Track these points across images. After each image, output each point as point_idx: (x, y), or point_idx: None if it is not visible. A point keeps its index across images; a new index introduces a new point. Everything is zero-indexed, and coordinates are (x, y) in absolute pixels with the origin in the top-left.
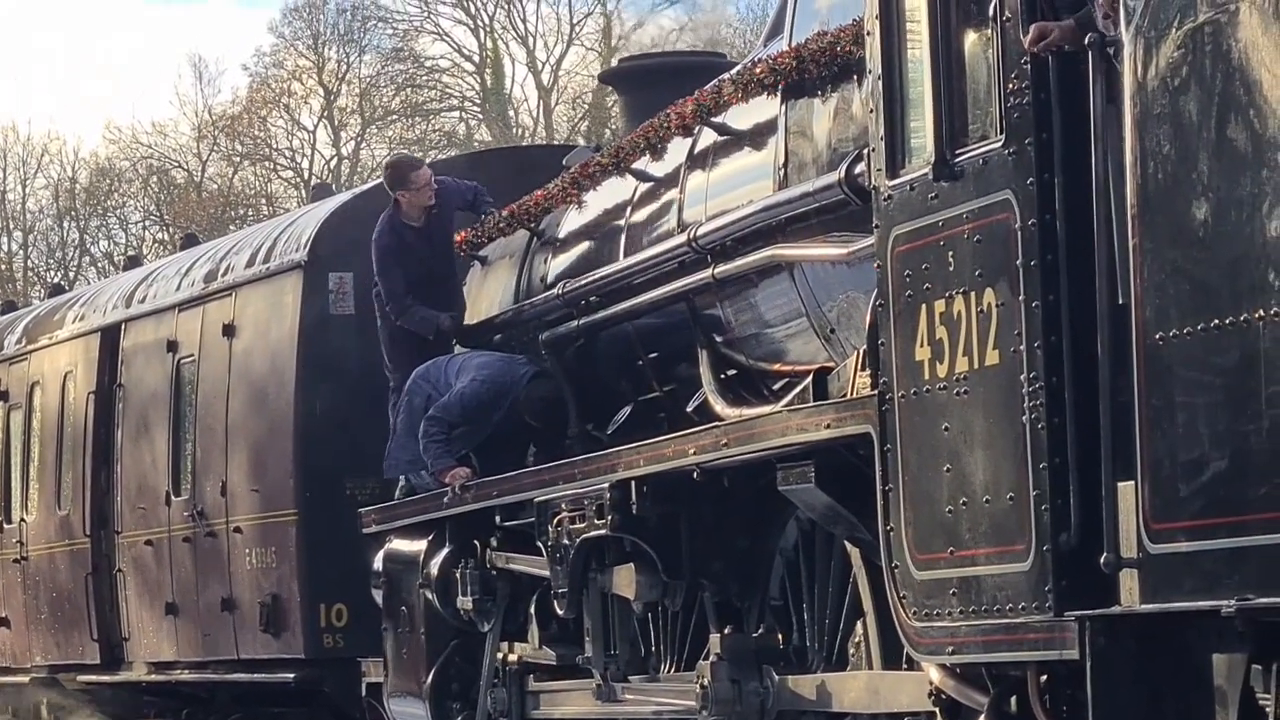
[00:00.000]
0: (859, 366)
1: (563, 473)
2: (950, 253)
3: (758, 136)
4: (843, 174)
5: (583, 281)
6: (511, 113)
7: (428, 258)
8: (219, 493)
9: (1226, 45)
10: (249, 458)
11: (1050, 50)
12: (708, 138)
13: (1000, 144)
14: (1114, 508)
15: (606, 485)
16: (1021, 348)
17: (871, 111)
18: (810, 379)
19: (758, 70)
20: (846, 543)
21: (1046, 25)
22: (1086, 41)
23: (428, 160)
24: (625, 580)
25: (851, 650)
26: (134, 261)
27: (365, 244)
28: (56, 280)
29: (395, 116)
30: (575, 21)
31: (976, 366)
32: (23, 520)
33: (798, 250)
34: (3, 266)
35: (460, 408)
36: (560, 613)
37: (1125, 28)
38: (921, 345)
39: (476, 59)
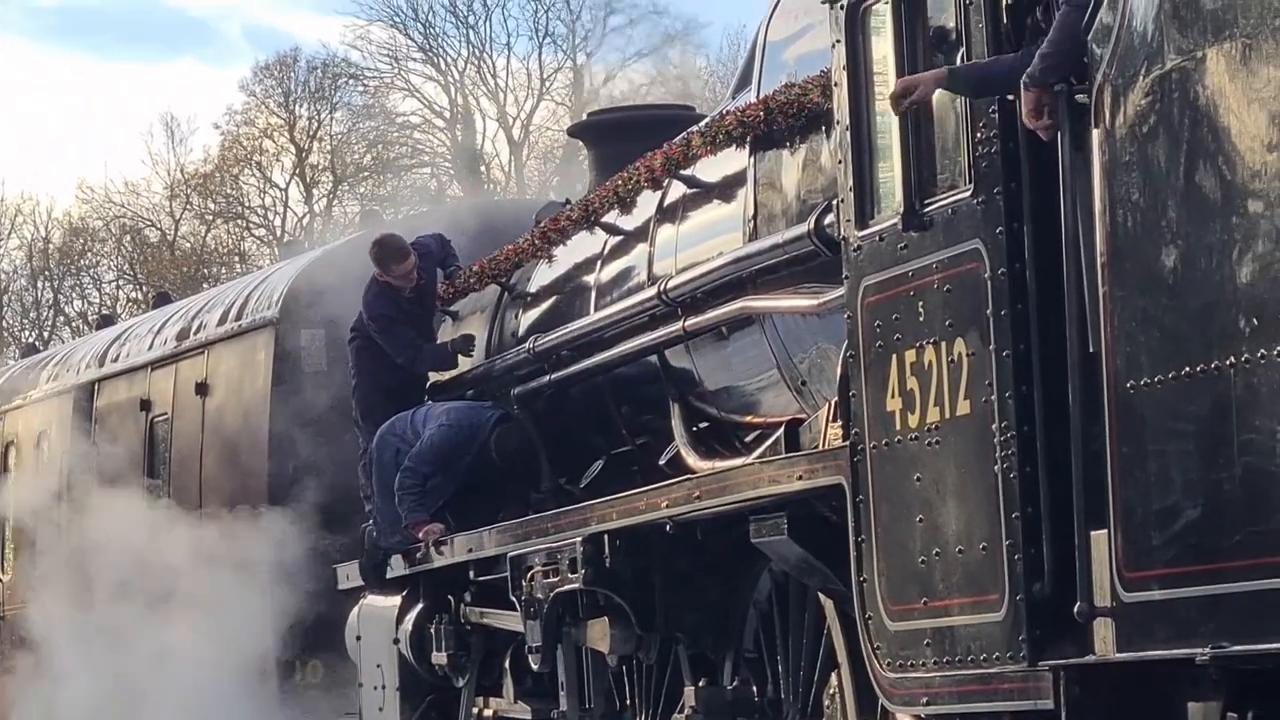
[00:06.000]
0: (830, 418)
1: (536, 527)
2: (920, 303)
3: (727, 189)
4: (812, 225)
5: (554, 336)
6: (483, 168)
7: (419, 320)
8: None
9: (1194, 92)
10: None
11: (915, 106)
12: (677, 190)
13: (969, 193)
14: (1087, 556)
15: (579, 539)
16: (993, 397)
17: (840, 162)
18: (782, 431)
19: (726, 122)
20: (820, 594)
21: (911, 80)
22: (1055, 89)
23: (399, 215)
24: (599, 634)
25: (826, 701)
26: (107, 321)
27: (337, 301)
28: (31, 340)
29: (367, 173)
30: (545, 76)
31: (948, 416)
32: (0, 580)
33: (768, 302)
34: None
35: (432, 454)
36: (535, 667)
37: (1093, 75)
38: (893, 396)
39: (447, 115)
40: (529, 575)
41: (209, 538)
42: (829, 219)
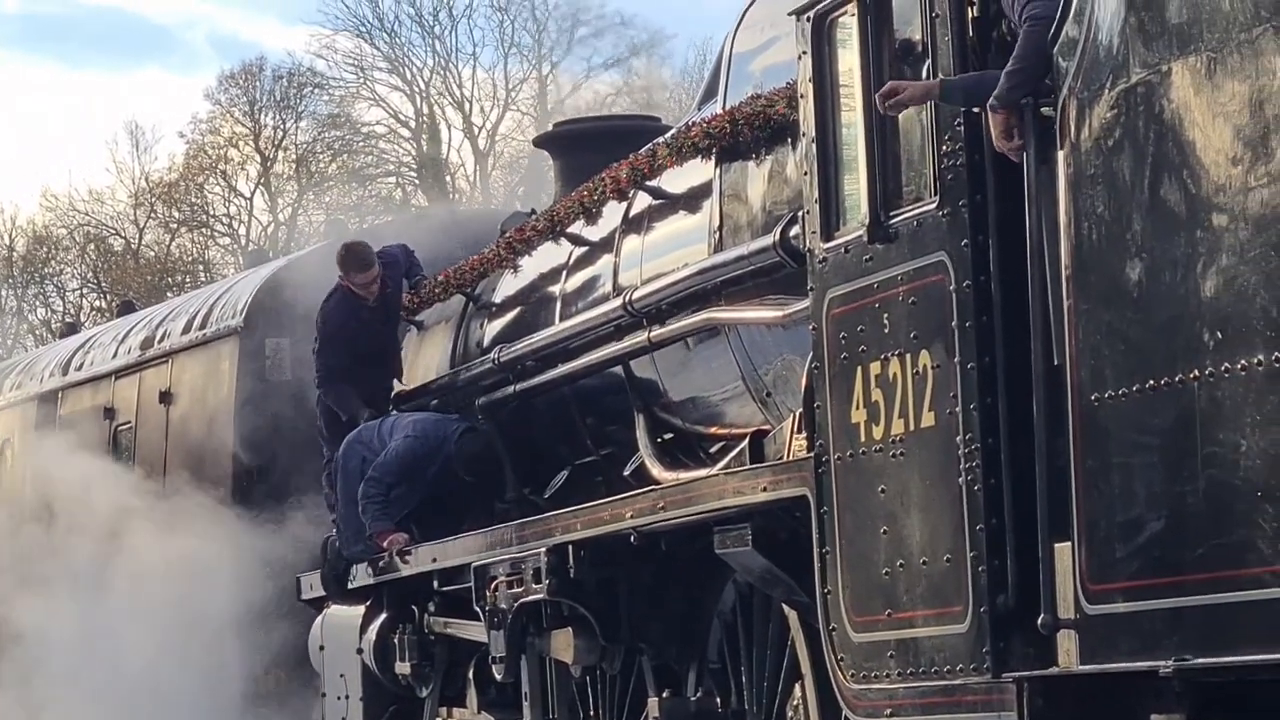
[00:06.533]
0: (795, 429)
1: (500, 537)
2: (885, 315)
3: (692, 200)
4: (777, 236)
5: (519, 346)
6: (448, 178)
7: (381, 331)
8: None
9: (1159, 106)
10: None
11: (900, 109)
12: (642, 201)
13: (934, 205)
14: (1051, 569)
15: (544, 549)
16: (957, 409)
17: (806, 174)
18: (747, 442)
19: (692, 134)
20: (784, 605)
21: (899, 83)
22: (1021, 103)
23: (364, 224)
24: (563, 644)
25: (790, 713)
26: (71, 329)
27: (301, 310)
28: None
29: (332, 182)
30: (511, 86)
31: (912, 428)
32: None
33: (733, 313)
34: None
35: (397, 465)
36: (499, 677)
37: (1058, 90)
38: (857, 407)
39: (413, 124)
40: (493, 585)
41: (170, 546)
42: (794, 230)
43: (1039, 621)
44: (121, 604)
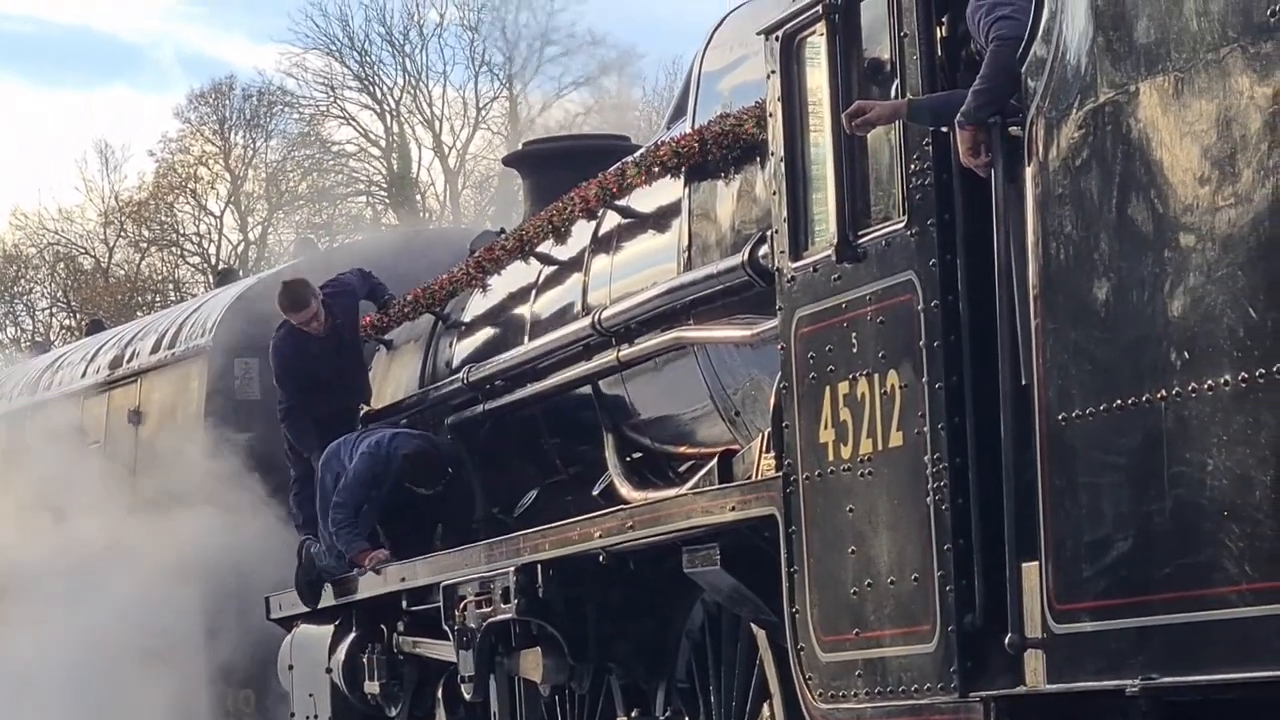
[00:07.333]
0: (763, 448)
1: (469, 557)
2: (853, 334)
3: (661, 219)
4: (746, 256)
5: (488, 366)
6: (419, 197)
7: (334, 360)
8: None
9: (1127, 125)
10: None
11: (868, 129)
12: (611, 220)
13: (903, 225)
14: (1018, 588)
15: (512, 569)
16: (925, 429)
17: (774, 193)
18: (715, 461)
19: (661, 153)
20: (753, 625)
21: (867, 103)
22: (989, 122)
23: (335, 242)
24: (532, 664)
25: None
26: (40, 348)
27: (271, 329)
28: None
29: (302, 201)
30: (482, 105)
31: (880, 448)
32: None
33: (702, 332)
34: None
35: (358, 486)
36: (467, 697)
37: (1026, 108)
38: (825, 427)
39: (383, 143)
40: (462, 605)
41: (139, 564)
42: (763, 250)
43: (1006, 641)
44: (89, 622)
